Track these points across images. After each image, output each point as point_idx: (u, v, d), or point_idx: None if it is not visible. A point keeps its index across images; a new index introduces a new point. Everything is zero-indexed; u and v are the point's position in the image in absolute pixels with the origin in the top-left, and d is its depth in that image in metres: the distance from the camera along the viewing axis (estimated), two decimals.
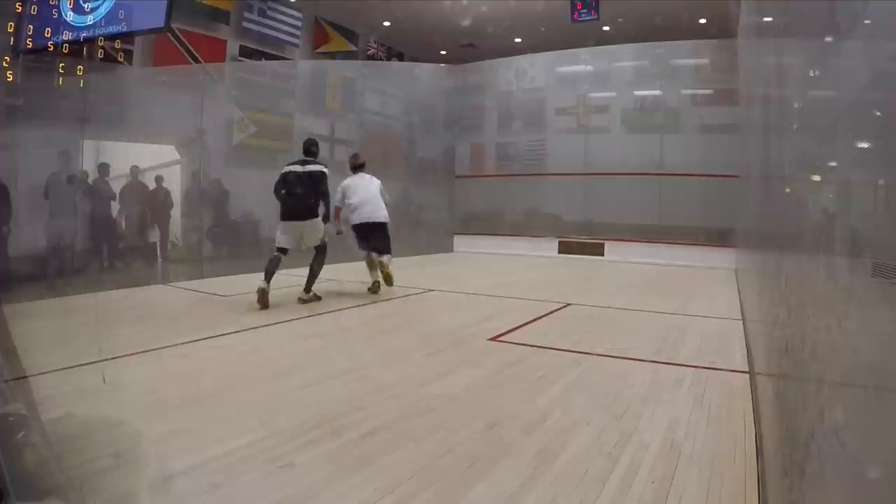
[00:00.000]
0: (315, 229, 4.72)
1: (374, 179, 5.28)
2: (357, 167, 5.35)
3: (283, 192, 4.73)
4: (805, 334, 1.09)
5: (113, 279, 6.51)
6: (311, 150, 4.85)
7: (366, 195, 5.12)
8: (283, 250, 4.69)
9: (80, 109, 6.92)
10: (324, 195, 4.72)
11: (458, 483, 1.71)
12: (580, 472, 1.78)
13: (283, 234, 4.70)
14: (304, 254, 4.85)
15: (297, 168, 4.72)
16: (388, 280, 5.12)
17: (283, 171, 4.78)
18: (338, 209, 5.16)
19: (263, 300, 4.47)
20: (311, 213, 4.70)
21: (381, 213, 5.11)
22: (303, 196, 4.64)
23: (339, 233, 5.28)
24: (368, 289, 5.25)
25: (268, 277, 4.53)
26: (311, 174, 4.68)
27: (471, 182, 11.09)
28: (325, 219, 4.78)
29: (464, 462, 1.85)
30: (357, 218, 5.11)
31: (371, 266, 5.21)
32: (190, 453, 1.87)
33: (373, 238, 5.10)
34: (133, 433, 2.09)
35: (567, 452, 1.92)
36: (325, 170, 4.76)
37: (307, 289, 4.81)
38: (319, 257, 4.82)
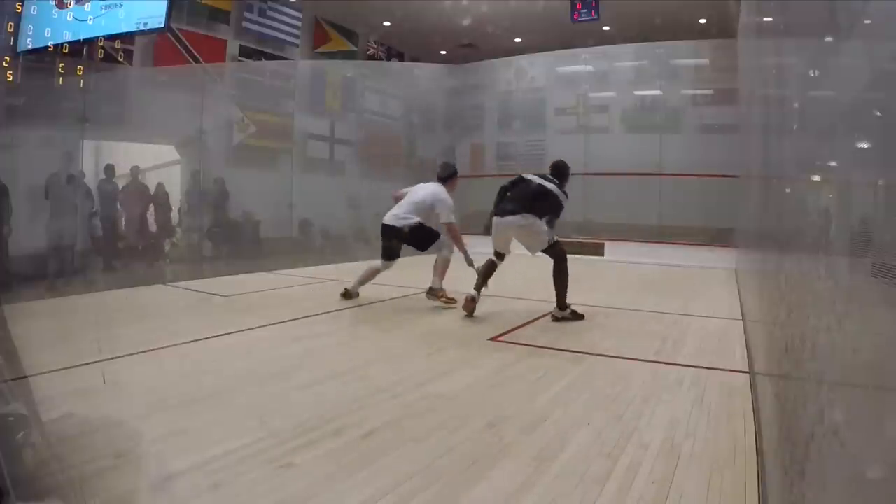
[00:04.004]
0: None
1: (428, 187, 4.80)
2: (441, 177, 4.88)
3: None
4: (805, 334, 1.09)
5: (113, 279, 6.52)
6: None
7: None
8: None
9: (80, 109, 6.92)
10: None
11: (458, 483, 1.71)
12: (580, 472, 1.78)
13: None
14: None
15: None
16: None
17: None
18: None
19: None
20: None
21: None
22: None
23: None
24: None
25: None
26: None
27: (471, 182, 11.08)
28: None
29: (464, 462, 1.84)
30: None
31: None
32: (190, 453, 1.87)
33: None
34: (133, 433, 2.09)
35: (567, 452, 1.92)
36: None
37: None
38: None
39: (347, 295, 4.90)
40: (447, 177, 4.86)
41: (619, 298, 5.29)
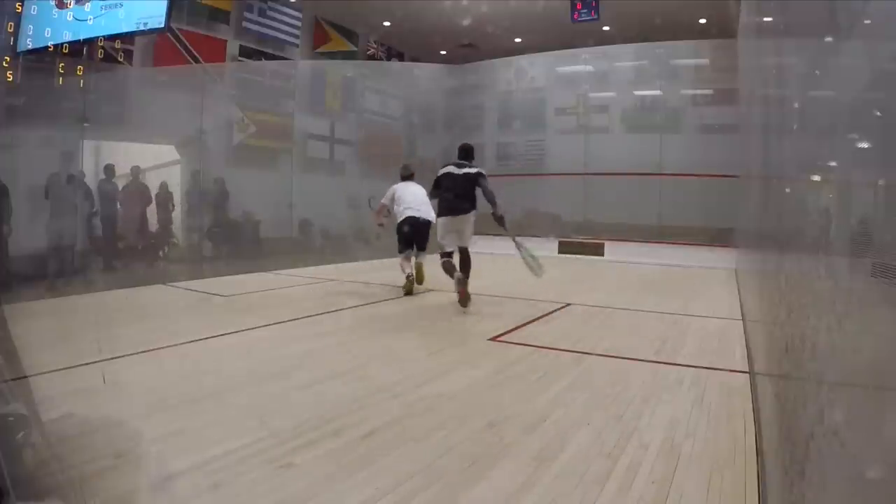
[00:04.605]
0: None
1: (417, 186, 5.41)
2: (406, 177, 5.50)
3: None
4: (805, 334, 1.09)
5: (113, 279, 6.51)
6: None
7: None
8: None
9: (80, 109, 6.91)
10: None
11: (458, 483, 1.71)
12: (580, 472, 1.78)
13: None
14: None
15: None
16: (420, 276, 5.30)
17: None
18: (382, 206, 5.36)
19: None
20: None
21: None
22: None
23: (380, 225, 5.52)
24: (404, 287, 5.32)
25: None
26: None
27: None
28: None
29: (464, 462, 1.85)
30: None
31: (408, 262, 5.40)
32: (190, 453, 1.87)
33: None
34: (133, 433, 2.09)
35: (567, 452, 1.92)
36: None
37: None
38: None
39: (417, 281, 5.27)
40: (411, 175, 5.47)
41: (619, 298, 5.29)
